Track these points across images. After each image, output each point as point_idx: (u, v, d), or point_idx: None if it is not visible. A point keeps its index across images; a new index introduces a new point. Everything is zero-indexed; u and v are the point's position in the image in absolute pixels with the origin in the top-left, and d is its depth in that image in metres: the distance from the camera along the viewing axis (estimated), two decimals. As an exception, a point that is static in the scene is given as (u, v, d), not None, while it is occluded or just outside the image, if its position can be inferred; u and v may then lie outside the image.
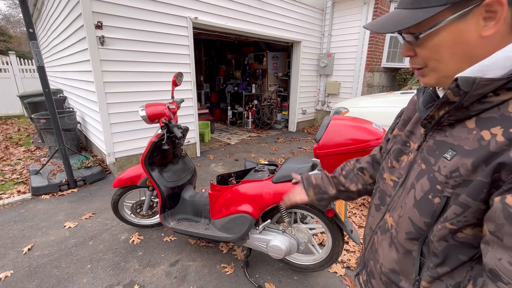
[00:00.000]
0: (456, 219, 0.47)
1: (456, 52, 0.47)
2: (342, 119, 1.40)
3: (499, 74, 0.42)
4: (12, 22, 20.74)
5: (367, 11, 5.40)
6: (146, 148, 1.89)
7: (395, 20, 0.49)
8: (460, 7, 0.43)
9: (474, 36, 0.44)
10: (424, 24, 0.46)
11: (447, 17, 0.45)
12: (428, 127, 0.55)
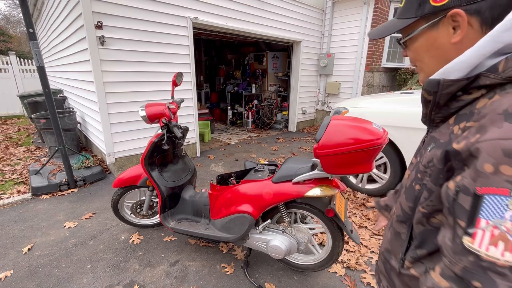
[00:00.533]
0: (426, 203, 0.55)
1: (433, 55, 0.56)
2: (342, 119, 1.39)
3: (459, 75, 0.49)
4: (12, 22, 20.74)
5: (367, 11, 5.40)
6: (146, 148, 1.89)
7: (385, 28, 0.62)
8: (430, 18, 0.53)
9: (446, 42, 0.52)
10: (406, 31, 0.58)
11: (421, 26, 0.55)
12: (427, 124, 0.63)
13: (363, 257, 2.07)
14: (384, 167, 2.94)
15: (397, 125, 2.69)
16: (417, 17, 0.54)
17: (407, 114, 2.64)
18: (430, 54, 0.56)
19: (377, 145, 1.27)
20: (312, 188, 1.50)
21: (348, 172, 1.38)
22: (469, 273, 0.42)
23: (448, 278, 0.45)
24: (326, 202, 1.64)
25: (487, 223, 0.41)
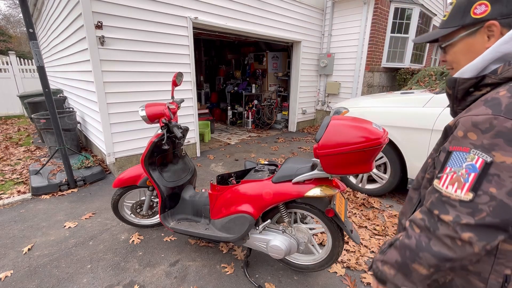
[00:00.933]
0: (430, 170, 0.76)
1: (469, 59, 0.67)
2: (342, 119, 1.39)
3: (470, 75, 0.65)
4: (12, 22, 20.74)
5: (367, 11, 5.40)
6: (146, 148, 1.89)
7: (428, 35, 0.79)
8: (470, 27, 0.67)
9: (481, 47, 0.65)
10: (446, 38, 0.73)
11: (460, 33, 0.69)
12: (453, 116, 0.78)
13: (363, 257, 2.07)
14: (384, 167, 2.94)
15: (397, 125, 2.69)
16: (459, 26, 0.69)
17: (407, 114, 2.65)
18: (467, 57, 0.69)
19: (377, 145, 1.27)
20: (312, 188, 1.50)
21: (348, 172, 1.38)
22: (433, 205, 0.62)
23: (422, 212, 0.65)
24: (326, 202, 1.64)
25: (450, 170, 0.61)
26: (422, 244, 0.64)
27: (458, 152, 0.61)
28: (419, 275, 0.66)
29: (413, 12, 5.73)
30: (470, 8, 0.67)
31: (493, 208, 0.55)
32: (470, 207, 0.57)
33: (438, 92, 2.67)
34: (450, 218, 0.59)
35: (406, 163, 2.71)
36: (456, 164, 0.61)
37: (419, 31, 6.11)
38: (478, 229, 0.57)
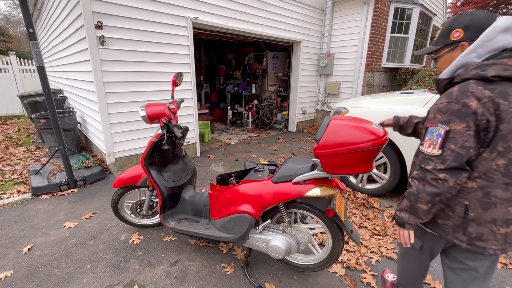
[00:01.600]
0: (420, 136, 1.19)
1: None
2: (342, 119, 1.39)
3: (446, 76, 1.04)
4: (12, 22, 20.74)
5: (367, 11, 5.40)
6: (146, 148, 1.89)
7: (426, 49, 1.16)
8: (450, 46, 1.06)
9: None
10: (436, 52, 1.12)
11: (445, 49, 1.08)
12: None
13: (363, 257, 2.07)
14: (384, 167, 2.94)
15: (397, 125, 2.69)
16: (444, 45, 1.08)
17: (407, 114, 2.64)
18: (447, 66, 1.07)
19: (377, 145, 1.27)
20: (312, 188, 1.50)
21: (348, 172, 1.38)
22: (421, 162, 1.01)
23: (417, 170, 1.03)
24: (326, 202, 1.64)
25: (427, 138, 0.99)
26: (420, 188, 1.01)
27: (431, 127, 1.00)
28: (422, 211, 1.03)
29: (413, 12, 5.73)
30: (450, 33, 1.06)
31: (453, 157, 0.93)
32: (440, 159, 0.96)
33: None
34: (431, 167, 0.97)
35: (406, 163, 2.71)
36: (430, 134, 1.00)
37: (419, 31, 6.11)
38: (448, 171, 0.94)
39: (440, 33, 1.10)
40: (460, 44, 1.03)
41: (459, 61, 0.99)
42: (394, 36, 5.83)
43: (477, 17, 0.99)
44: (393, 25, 5.73)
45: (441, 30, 1.10)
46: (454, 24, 1.05)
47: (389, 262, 2.05)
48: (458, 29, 1.03)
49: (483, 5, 15.95)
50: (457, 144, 0.92)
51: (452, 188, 0.95)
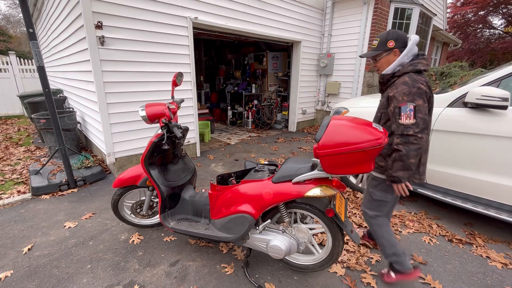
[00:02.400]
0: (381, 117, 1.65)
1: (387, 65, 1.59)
2: (342, 119, 1.39)
3: (390, 72, 1.58)
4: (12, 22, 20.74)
5: (367, 11, 5.40)
6: (146, 148, 1.89)
7: (370, 53, 1.64)
8: (387, 51, 1.58)
9: (392, 60, 1.57)
10: (377, 56, 1.63)
11: (383, 54, 1.60)
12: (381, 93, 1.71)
13: (363, 257, 2.07)
14: (384, 167, 2.94)
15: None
16: (383, 50, 1.58)
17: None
18: (386, 65, 1.60)
19: (377, 145, 1.27)
20: (312, 188, 1.50)
21: (348, 172, 1.38)
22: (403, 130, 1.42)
23: (397, 138, 1.45)
24: (326, 202, 1.64)
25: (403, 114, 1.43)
26: (407, 149, 1.41)
27: (403, 106, 1.43)
28: (413, 164, 1.44)
29: (413, 12, 5.72)
30: (387, 43, 1.56)
31: (422, 122, 1.40)
32: (416, 125, 1.40)
33: (438, 92, 2.67)
34: (411, 132, 1.40)
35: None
36: (404, 111, 1.42)
37: (419, 31, 6.11)
38: (422, 131, 1.40)
39: (379, 43, 1.58)
40: (393, 51, 1.56)
41: (399, 62, 1.53)
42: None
43: (401, 33, 1.55)
44: (393, 25, 5.73)
45: (379, 40, 1.58)
46: (388, 37, 1.56)
47: (389, 262, 2.05)
48: (392, 40, 1.55)
49: (483, 5, 15.94)
50: (422, 113, 1.41)
51: (426, 141, 1.45)
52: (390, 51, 1.56)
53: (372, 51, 1.62)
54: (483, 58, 18.20)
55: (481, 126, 2.19)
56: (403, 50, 1.53)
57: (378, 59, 1.62)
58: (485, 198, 2.31)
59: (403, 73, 1.50)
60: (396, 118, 1.46)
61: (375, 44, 1.60)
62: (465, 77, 4.42)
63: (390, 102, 1.52)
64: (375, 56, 1.62)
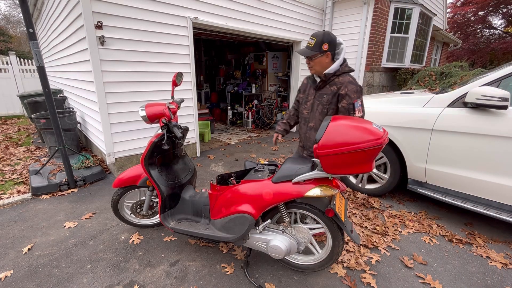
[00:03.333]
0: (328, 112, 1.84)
1: (320, 66, 1.78)
2: (342, 119, 1.40)
3: (332, 71, 1.76)
4: (12, 22, 20.75)
5: (367, 11, 5.40)
6: (146, 148, 1.89)
7: (304, 51, 1.76)
8: (322, 53, 1.72)
9: (325, 62, 1.75)
10: (313, 56, 1.75)
11: (318, 55, 1.73)
12: (316, 89, 1.89)
13: (363, 257, 2.07)
14: (384, 167, 2.94)
15: (397, 125, 2.69)
16: (318, 52, 1.71)
17: (407, 114, 2.65)
18: (319, 66, 1.77)
19: (377, 145, 1.27)
20: (312, 188, 1.50)
21: (348, 172, 1.38)
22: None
23: None
24: (326, 202, 1.64)
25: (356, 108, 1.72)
26: None
27: (356, 102, 1.70)
28: None
29: (413, 12, 5.73)
30: (322, 45, 1.68)
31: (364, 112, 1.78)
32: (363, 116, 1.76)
33: (438, 92, 2.67)
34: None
35: (406, 163, 2.71)
36: (357, 106, 1.70)
37: (419, 31, 6.11)
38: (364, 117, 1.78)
39: (315, 43, 1.68)
40: (326, 53, 1.70)
41: (338, 63, 1.74)
42: (394, 36, 5.83)
43: (333, 37, 1.70)
44: (393, 25, 5.73)
45: (315, 40, 1.68)
46: (324, 39, 1.67)
47: (389, 260, 2.05)
48: (326, 43, 1.67)
49: (483, 5, 15.94)
50: (363, 106, 1.76)
51: None
52: (324, 54, 1.70)
53: (310, 50, 1.71)
54: (483, 58, 18.20)
55: (481, 126, 2.19)
56: (333, 53, 1.72)
57: (313, 59, 1.74)
58: (485, 198, 2.31)
59: (342, 72, 1.74)
60: (350, 113, 1.71)
61: (311, 44, 1.69)
62: (465, 77, 4.42)
63: (341, 99, 1.74)
64: (311, 56, 1.73)
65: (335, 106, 1.80)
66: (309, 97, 1.94)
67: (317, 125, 1.89)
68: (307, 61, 1.79)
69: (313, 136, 1.93)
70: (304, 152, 2.09)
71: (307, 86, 2.00)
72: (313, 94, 1.90)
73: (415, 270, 1.97)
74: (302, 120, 2.05)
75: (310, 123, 1.94)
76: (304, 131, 2.01)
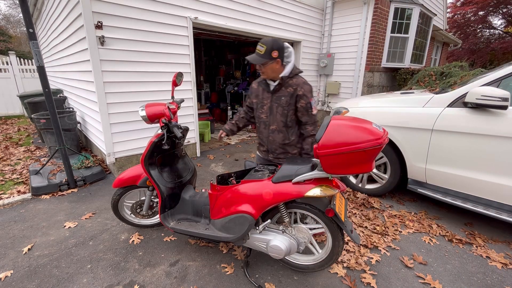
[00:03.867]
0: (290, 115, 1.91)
1: (271, 71, 1.81)
2: (342, 119, 1.39)
3: (285, 75, 1.82)
4: (12, 22, 20.75)
5: (367, 11, 5.40)
6: (146, 148, 1.89)
7: (255, 59, 1.77)
8: (272, 60, 1.76)
9: (276, 67, 1.79)
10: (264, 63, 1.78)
11: (269, 62, 1.77)
12: (272, 92, 1.91)
13: (363, 257, 2.07)
14: (384, 167, 2.94)
15: (397, 125, 2.69)
16: (269, 59, 1.75)
17: (407, 114, 2.65)
18: (271, 71, 1.81)
19: (377, 145, 1.27)
20: (312, 188, 1.50)
21: (348, 172, 1.38)
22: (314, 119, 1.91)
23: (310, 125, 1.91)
24: (326, 202, 1.64)
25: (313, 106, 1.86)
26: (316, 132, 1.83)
27: (312, 101, 1.84)
28: None
29: (413, 12, 5.73)
30: (271, 52, 1.72)
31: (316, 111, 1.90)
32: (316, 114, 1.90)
33: (438, 92, 2.67)
34: (317, 119, 1.93)
35: (406, 163, 2.71)
36: (313, 104, 1.85)
37: (419, 31, 6.11)
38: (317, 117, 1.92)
39: (265, 51, 1.72)
40: (276, 60, 1.75)
41: (290, 67, 1.81)
42: (394, 36, 5.83)
43: (281, 44, 1.75)
44: (393, 25, 5.73)
45: (265, 48, 1.72)
46: (273, 47, 1.72)
47: (389, 260, 2.05)
48: (276, 50, 1.73)
49: (483, 5, 15.95)
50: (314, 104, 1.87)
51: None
52: (274, 60, 1.75)
53: (260, 58, 1.75)
54: (483, 58, 18.20)
55: (481, 126, 2.19)
56: (282, 58, 1.77)
57: (265, 65, 1.78)
58: (485, 198, 2.31)
59: (294, 74, 1.84)
60: (309, 111, 1.85)
61: (261, 51, 1.73)
62: (465, 77, 4.42)
63: (299, 99, 1.83)
64: (263, 63, 1.77)
65: (294, 106, 1.87)
66: (265, 101, 1.95)
67: (280, 126, 1.93)
68: (258, 67, 1.82)
69: (278, 138, 1.96)
70: (270, 155, 2.10)
71: (260, 91, 1.99)
72: (269, 97, 1.92)
73: (415, 270, 1.97)
74: (261, 124, 2.05)
75: (272, 126, 1.96)
76: (266, 135, 2.03)
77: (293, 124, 1.94)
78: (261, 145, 2.17)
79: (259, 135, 2.15)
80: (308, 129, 1.89)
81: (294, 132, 1.96)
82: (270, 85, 1.92)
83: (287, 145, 1.99)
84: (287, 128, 1.94)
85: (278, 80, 1.85)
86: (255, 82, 2.05)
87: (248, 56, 1.80)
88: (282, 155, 2.03)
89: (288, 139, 1.96)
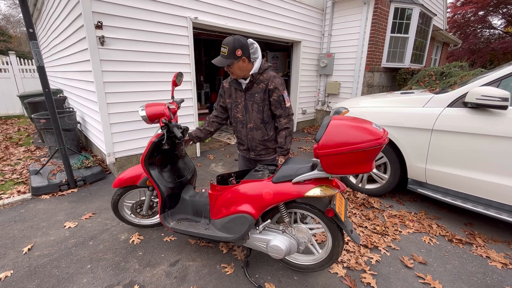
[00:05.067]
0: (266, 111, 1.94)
1: (239, 70, 1.81)
2: (342, 119, 1.39)
3: (254, 72, 1.82)
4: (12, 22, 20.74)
5: (367, 11, 5.40)
6: (146, 148, 1.89)
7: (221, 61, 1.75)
8: (238, 59, 1.75)
9: (243, 66, 1.79)
10: (230, 64, 1.76)
11: (235, 61, 1.76)
12: (245, 90, 1.92)
13: (363, 257, 2.07)
14: (384, 167, 2.94)
15: (397, 125, 2.69)
16: (234, 58, 1.74)
17: (407, 114, 2.65)
18: (239, 70, 1.80)
19: (377, 145, 1.27)
20: (312, 188, 1.50)
21: (348, 172, 1.38)
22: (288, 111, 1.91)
23: (285, 119, 1.91)
24: (326, 202, 1.64)
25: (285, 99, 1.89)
26: (291, 124, 1.93)
27: (284, 94, 1.87)
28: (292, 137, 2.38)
29: (413, 12, 5.73)
30: (235, 51, 1.71)
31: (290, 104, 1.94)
32: (290, 106, 1.92)
33: (438, 92, 2.67)
34: (291, 112, 1.93)
35: (406, 163, 2.71)
36: (285, 97, 1.88)
37: (419, 31, 6.11)
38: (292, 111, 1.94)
39: (228, 52, 1.70)
40: (242, 58, 1.74)
41: (259, 63, 1.82)
42: (394, 36, 5.83)
43: (244, 42, 1.74)
44: (393, 25, 5.73)
45: (227, 49, 1.70)
46: (236, 46, 1.70)
47: (389, 260, 2.05)
48: (239, 49, 1.71)
49: (483, 5, 15.95)
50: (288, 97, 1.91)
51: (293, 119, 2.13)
52: (239, 59, 1.73)
53: (225, 59, 1.73)
54: (483, 58, 18.20)
55: (481, 126, 2.19)
56: (248, 55, 1.76)
57: (231, 66, 1.77)
58: (485, 198, 2.31)
59: (264, 69, 1.85)
60: (281, 104, 1.87)
61: (225, 52, 1.72)
62: (465, 77, 4.42)
63: (271, 93, 1.84)
64: (228, 64, 1.75)
65: (268, 101, 1.89)
66: (239, 100, 1.96)
67: (257, 124, 1.94)
68: (226, 68, 1.80)
69: (257, 135, 1.97)
70: (251, 153, 2.10)
71: (232, 90, 1.99)
72: (243, 96, 1.93)
73: (415, 270, 1.97)
74: (238, 124, 2.04)
75: (249, 124, 1.97)
76: (245, 133, 2.03)
77: (270, 120, 1.96)
78: (241, 144, 2.15)
79: (237, 135, 2.11)
80: (282, 121, 1.89)
81: (272, 127, 1.98)
82: (242, 83, 1.91)
83: (267, 141, 2.00)
84: (265, 124, 1.95)
85: (249, 78, 1.84)
86: (226, 81, 2.04)
87: (214, 59, 1.77)
88: (264, 151, 2.05)
89: (267, 135, 1.97)
